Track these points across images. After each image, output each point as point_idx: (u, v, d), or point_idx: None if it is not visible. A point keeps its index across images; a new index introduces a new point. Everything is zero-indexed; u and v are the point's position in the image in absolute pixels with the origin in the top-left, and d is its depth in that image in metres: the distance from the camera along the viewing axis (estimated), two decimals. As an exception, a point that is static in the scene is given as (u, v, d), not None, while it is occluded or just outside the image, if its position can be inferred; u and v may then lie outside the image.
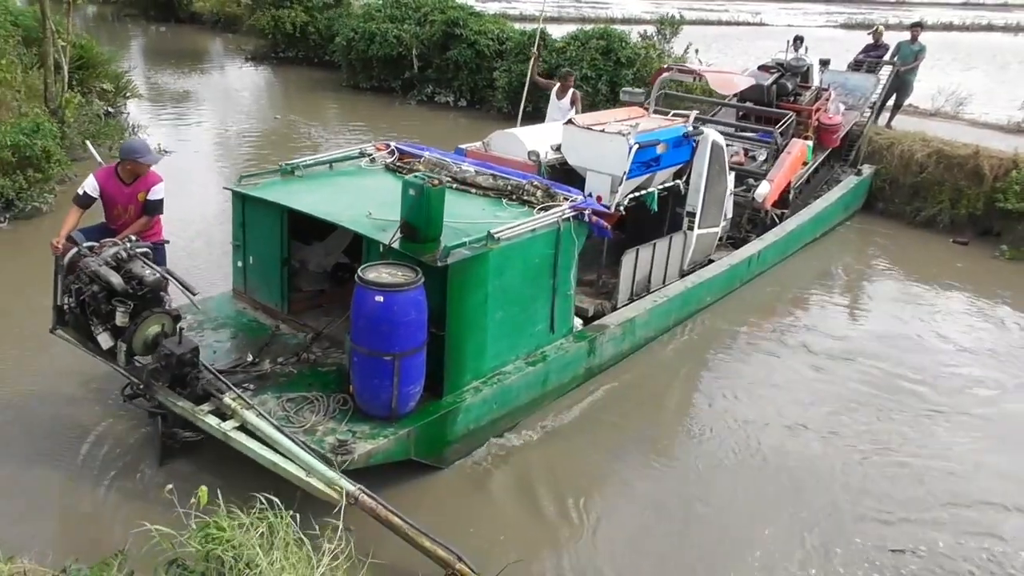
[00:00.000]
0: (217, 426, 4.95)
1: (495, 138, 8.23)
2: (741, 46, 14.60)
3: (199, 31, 25.92)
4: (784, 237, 9.90)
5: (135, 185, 5.58)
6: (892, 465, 6.18)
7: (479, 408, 5.75)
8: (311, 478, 4.70)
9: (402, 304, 5.01)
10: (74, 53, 12.12)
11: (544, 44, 14.88)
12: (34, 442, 5.56)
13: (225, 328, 6.40)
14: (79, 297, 5.12)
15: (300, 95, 17.90)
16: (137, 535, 3.57)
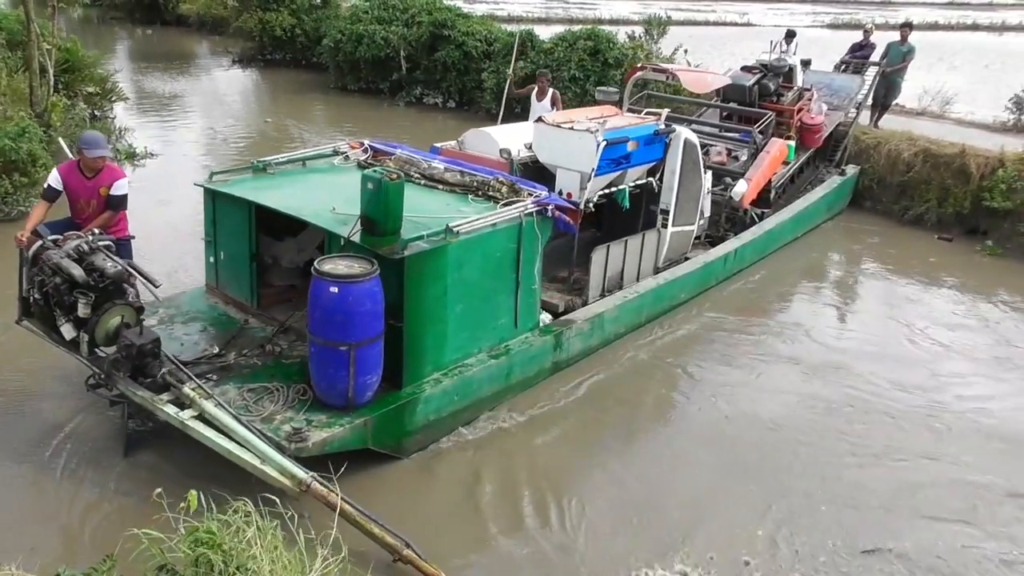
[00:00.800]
0: (175, 415, 5.04)
1: (469, 137, 8.34)
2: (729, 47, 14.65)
3: (185, 33, 25.96)
4: (762, 236, 9.96)
5: (97, 179, 5.69)
6: (870, 463, 6.19)
7: (439, 399, 5.83)
8: (265, 466, 4.78)
9: (357, 295, 5.10)
10: (59, 56, 12.17)
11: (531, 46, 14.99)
12: (12, 444, 5.62)
13: (195, 322, 6.50)
14: (43, 289, 5.23)
15: (288, 97, 17.99)
16: (126, 540, 3.54)
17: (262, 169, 6.98)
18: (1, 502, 5.09)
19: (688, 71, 11.08)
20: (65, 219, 5.84)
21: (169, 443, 5.51)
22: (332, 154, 7.58)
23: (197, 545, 3.32)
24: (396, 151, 7.47)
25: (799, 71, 12.00)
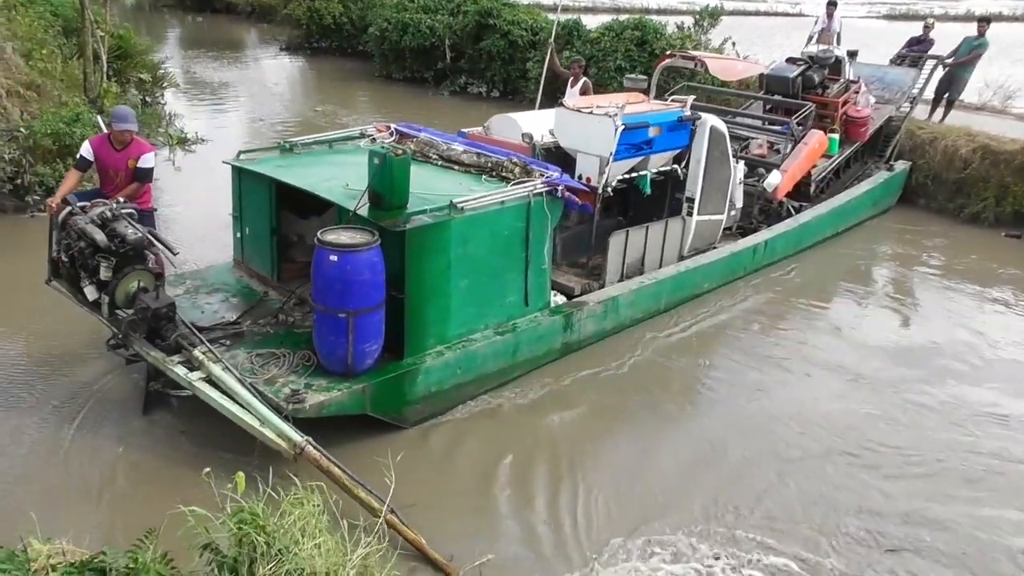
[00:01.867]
0: (184, 375, 5.31)
1: (494, 122, 8.47)
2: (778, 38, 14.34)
3: (234, 21, 26.46)
4: (797, 229, 9.79)
5: (125, 152, 6.02)
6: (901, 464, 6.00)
7: (441, 371, 5.97)
8: (264, 428, 5.00)
9: (356, 264, 5.28)
10: (112, 43, 12.54)
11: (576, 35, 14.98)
12: (40, 401, 5.96)
13: (219, 292, 6.80)
14: (69, 252, 5.57)
15: (333, 85, 18.21)
16: (171, 517, 3.57)
17: (289, 149, 7.25)
18: (23, 459, 5.39)
19: (717, 59, 10.96)
20: (94, 189, 6.20)
21: (188, 405, 5.76)
22: (359, 136, 7.80)
23: (241, 526, 3.35)
24: (420, 134, 7.64)
25: (847, 63, 11.72)
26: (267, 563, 3.27)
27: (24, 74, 10.13)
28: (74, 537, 3.80)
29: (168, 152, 11.95)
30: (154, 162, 6.17)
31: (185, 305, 6.43)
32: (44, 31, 11.91)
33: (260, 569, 3.25)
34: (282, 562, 3.28)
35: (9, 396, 5.99)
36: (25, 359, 6.52)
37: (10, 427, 5.64)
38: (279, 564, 3.27)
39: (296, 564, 3.28)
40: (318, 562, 3.34)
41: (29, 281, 6.35)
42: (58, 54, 11.46)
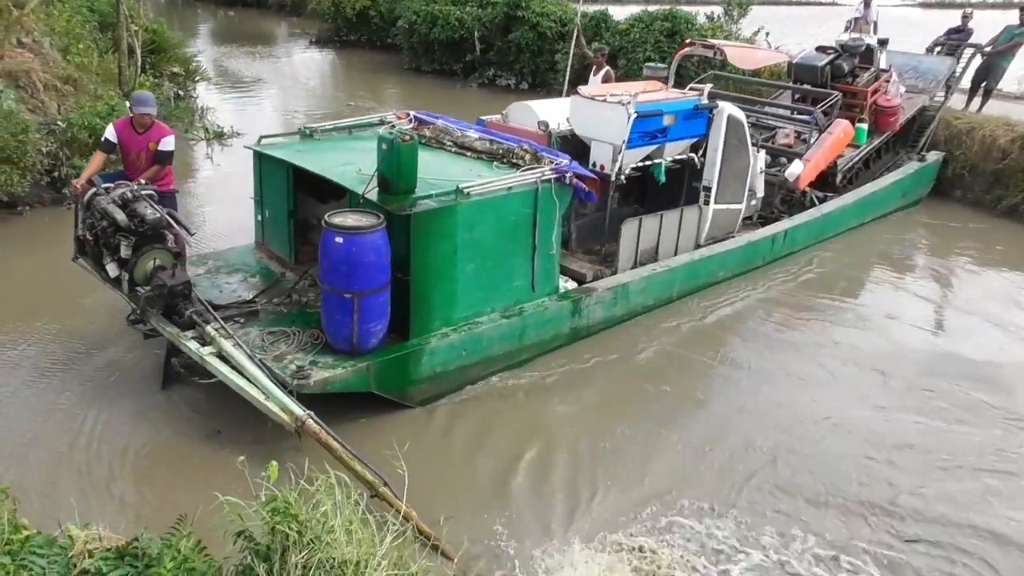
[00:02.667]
0: (196, 350, 5.54)
1: (513, 109, 8.57)
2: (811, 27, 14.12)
3: (265, 15, 26.74)
4: (819, 219, 9.73)
5: (147, 134, 6.27)
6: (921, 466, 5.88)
7: (446, 352, 6.12)
8: (269, 402, 5.19)
9: (361, 246, 5.45)
10: (146, 38, 12.86)
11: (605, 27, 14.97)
12: (62, 372, 6.26)
13: (238, 272, 7.04)
14: (92, 231, 5.84)
15: (363, 78, 18.37)
16: (192, 499, 3.68)
17: (309, 135, 7.45)
18: (50, 435, 5.62)
19: (736, 47, 10.88)
20: (118, 171, 6.46)
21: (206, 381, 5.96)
22: (378, 123, 7.96)
23: (274, 514, 3.39)
24: (437, 121, 7.78)
25: (879, 52, 11.54)
26: (299, 552, 3.32)
27: (62, 68, 10.44)
28: (109, 521, 4.00)
29: (205, 146, 12.20)
30: (174, 145, 6.41)
31: (205, 284, 6.70)
32: (81, 26, 12.24)
33: (292, 557, 3.31)
34: (314, 551, 3.33)
35: (42, 372, 6.31)
36: (58, 338, 6.79)
37: (43, 401, 5.94)
38: (311, 553, 3.33)
39: (328, 553, 3.34)
40: (349, 551, 3.39)
41: (64, 267, 6.61)
42: (94, 49, 11.77)
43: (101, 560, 3.20)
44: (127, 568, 3.19)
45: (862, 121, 10.94)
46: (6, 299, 7.32)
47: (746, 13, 14.74)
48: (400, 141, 5.77)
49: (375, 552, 3.48)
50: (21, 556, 3.14)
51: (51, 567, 3.14)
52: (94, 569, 3.19)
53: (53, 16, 11.53)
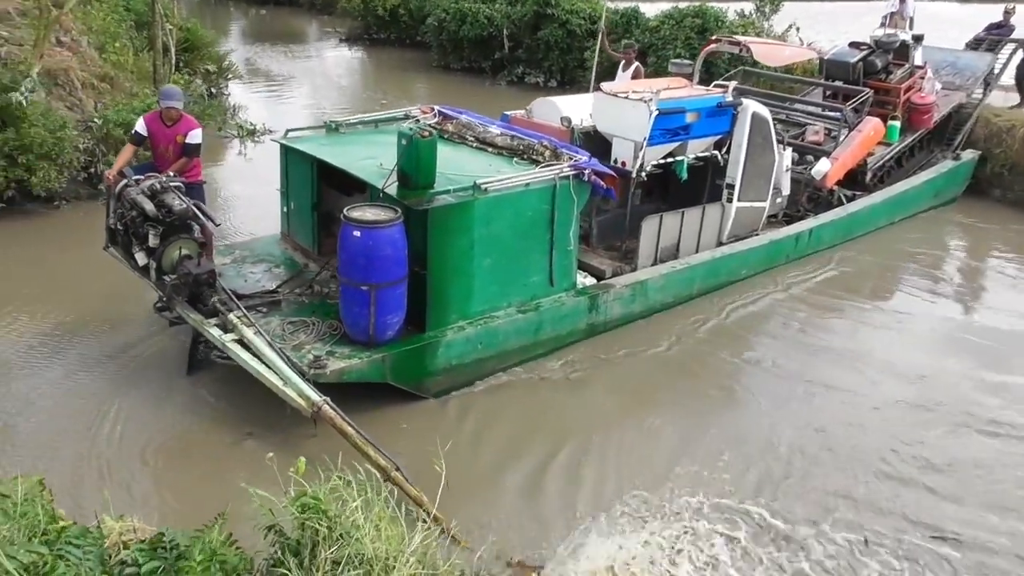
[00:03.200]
0: (218, 336, 5.72)
1: (536, 105, 8.64)
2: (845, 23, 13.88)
3: (296, 13, 26.78)
4: (845, 218, 9.64)
5: (175, 127, 6.46)
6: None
7: (462, 345, 6.22)
8: (286, 387, 5.35)
9: (378, 240, 5.57)
10: (180, 36, 13.04)
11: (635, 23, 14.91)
12: (94, 356, 6.46)
13: (263, 263, 7.21)
14: (122, 221, 6.04)
15: (392, 76, 18.45)
16: (227, 494, 3.73)
17: (335, 129, 7.59)
18: (70, 416, 5.81)
19: (762, 43, 10.77)
20: (148, 163, 6.67)
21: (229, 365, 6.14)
22: (403, 117, 8.07)
23: (303, 510, 3.45)
24: (460, 116, 7.87)
25: (914, 48, 11.36)
26: (329, 547, 3.37)
27: (98, 66, 10.67)
28: (136, 511, 4.03)
29: (238, 143, 12.40)
30: (201, 138, 6.59)
31: (230, 273, 6.88)
32: (117, 25, 12.46)
33: (322, 552, 3.36)
34: (343, 547, 3.38)
35: (75, 360, 6.53)
36: (92, 327, 6.98)
37: (75, 389, 6.15)
38: (340, 548, 3.37)
39: (357, 549, 3.38)
40: (379, 548, 3.44)
41: (98, 260, 6.81)
42: (130, 47, 12.01)
43: (137, 551, 3.27)
44: (161, 560, 3.25)
45: (894, 119, 10.79)
46: (43, 291, 7.56)
47: (778, 9, 14.56)
48: (419, 137, 5.88)
49: (404, 550, 3.53)
50: (58, 546, 3.17)
51: (87, 558, 3.18)
52: (129, 560, 3.25)
53: (91, 15, 11.78)
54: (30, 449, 5.45)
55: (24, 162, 8.82)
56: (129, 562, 3.22)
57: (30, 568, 2.89)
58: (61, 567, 3.00)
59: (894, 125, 10.76)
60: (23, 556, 2.89)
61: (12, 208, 9.06)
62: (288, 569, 3.32)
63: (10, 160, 8.77)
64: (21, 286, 7.64)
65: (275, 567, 3.41)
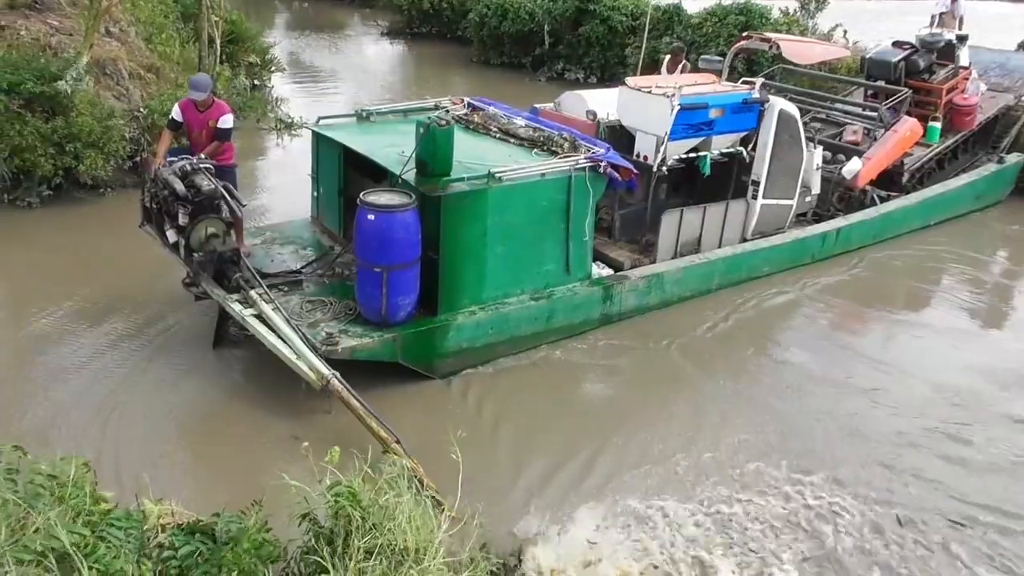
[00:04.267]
0: (239, 312, 6.01)
1: (565, 98, 8.77)
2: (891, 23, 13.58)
3: (338, 6, 26.71)
4: (877, 218, 9.52)
5: (207, 113, 6.76)
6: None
7: (472, 329, 6.41)
8: (299, 361, 5.61)
9: (391, 223, 5.79)
10: (226, 28, 13.12)
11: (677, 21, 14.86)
12: (150, 356, 6.61)
13: (291, 244, 7.50)
14: (155, 200, 6.38)
15: (432, 70, 18.55)
16: (269, 486, 3.74)
17: (365, 117, 7.83)
18: (111, 391, 6.07)
19: (793, 40, 10.65)
20: (184, 147, 6.99)
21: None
22: (433, 108, 8.27)
23: (337, 499, 3.53)
24: (488, 108, 8.04)
25: (959, 48, 11.13)
26: (362, 536, 3.44)
27: (145, 57, 10.98)
28: (164, 492, 4.06)
29: (276, 136, 12.62)
30: (232, 123, 6.87)
31: (260, 254, 7.19)
32: (164, 16, 12.71)
33: (355, 542, 3.43)
34: (376, 536, 3.45)
35: (116, 338, 6.86)
36: (135, 307, 7.29)
37: (116, 366, 6.45)
38: (373, 538, 3.44)
39: (389, 539, 3.45)
40: (409, 538, 3.50)
41: (142, 246, 7.12)
42: (176, 38, 12.23)
43: (173, 535, 3.37)
44: (198, 545, 3.33)
45: (935, 120, 10.60)
46: (90, 274, 7.85)
47: (824, 7, 14.35)
48: (436, 126, 6.06)
49: (433, 540, 3.59)
50: (100, 528, 3.24)
51: (127, 540, 3.25)
52: (167, 544, 3.35)
53: (139, 6, 12.02)
54: (62, 420, 5.74)
55: (72, 150, 9.07)
56: (166, 545, 3.34)
57: (73, 548, 2.97)
58: (102, 548, 3.08)
59: (934, 126, 10.58)
60: (66, 537, 2.97)
61: (60, 195, 9.34)
62: (321, 557, 3.40)
63: (59, 148, 9.03)
64: (65, 269, 7.94)
65: (307, 555, 3.52)
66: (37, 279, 7.74)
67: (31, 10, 10.01)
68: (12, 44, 9.41)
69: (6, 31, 9.47)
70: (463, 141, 7.08)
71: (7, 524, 3.05)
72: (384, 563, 3.39)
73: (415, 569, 3.41)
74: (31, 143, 8.84)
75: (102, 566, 3.00)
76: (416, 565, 3.43)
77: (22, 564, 2.90)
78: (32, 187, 9.14)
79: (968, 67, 11.07)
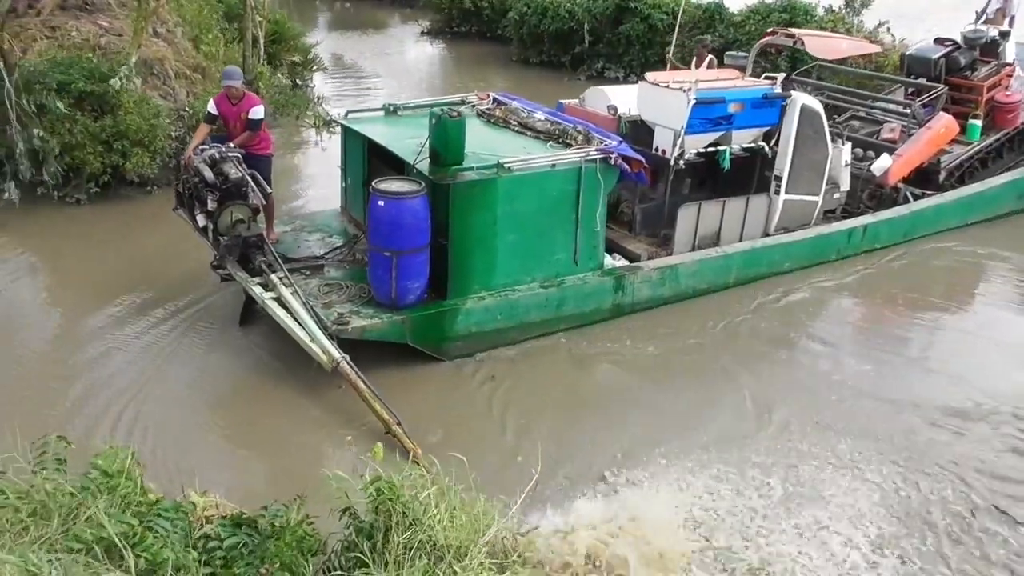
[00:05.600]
0: (259, 294, 6.36)
1: (589, 94, 8.95)
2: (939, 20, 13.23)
3: (378, 6, 26.78)
4: (908, 216, 9.40)
5: (240, 105, 7.14)
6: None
7: (481, 314, 6.63)
8: (312, 343, 5.92)
9: (400, 210, 6.06)
10: (269, 28, 13.21)
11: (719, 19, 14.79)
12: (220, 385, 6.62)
13: (319, 232, 7.84)
14: (187, 186, 6.79)
15: (471, 69, 18.68)
16: (312, 479, 3.84)
17: (393, 111, 8.13)
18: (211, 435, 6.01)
19: (817, 36, 10.54)
20: (220, 137, 7.38)
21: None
22: (460, 102, 8.53)
23: (378, 494, 3.56)
24: (512, 102, 8.25)
25: (1004, 44, 10.87)
26: (402, 532, 3.47)
27: (191, 57, 11.30)
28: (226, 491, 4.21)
29: (316, 133, 12.91)
30: (262, 113, 7.24)
31: (288, 240, 7.56)
32: (209, 17, 12.83)
33: (395, 537, 3.46)
34: (416, 532, 3.49)
35: (152, 320, 7.24)
36: (177, 298, 7.61)
37: (158, 354, 6.75)
38: (413, 534, 3.48)
39: (429, 536, 3.48)
40: (452, 536, 3.53)
41: (186, 240, 7.48)
42: (221, 38, 12.41)
43: (220, 527, 3.47)
44: (243, 536, 3.41)
45: (976, 117, 10.38)
46: (136, 267, 8.13)
47: (868, 4, 14.09)
48: (448, 118, 6.31)
49: (476, 540, 3.60)
50: (148, 518, 3.34)
51: (173, 531, 3.34)
52: (212, 535, 3.44)
53: (185, 7, 12.32)
54: (100, 402, 6.05)
55: (120, 148, 9.32)
56: (212, 536, 3.44)
57: (121, 537, 3.08)
58: (149, 538, 3.18)
59: (975, 124, 10.36)
60: (112, 527, 3.09)
61: (107, 192, 9.62)
62: (361, 551, 3.45)
63: (107, 146, 9.30)
64: (112, 262, 8.21)
65: (348, 550, 3.58)
66: (85, 272, 8.09)
67: (81, 11, 10.46)
68: (63, 44, 9.84)
69: (58, 32, 9.94)
70: (482, 133, 7.35)
71: (59, 514, 3.20)
72: (424, 559, 3.42)
73: (456, 566, 3.44)
74: (81, 141, 9.16)
75: (149, 555, 3.11)
76: (457, 562, 3.46)
77: (72, 553, 3.02)
78: (81, 184, 9.47)
79: (1012, 64, 10.79)
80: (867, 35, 13.24)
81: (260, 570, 3.31)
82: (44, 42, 9.86)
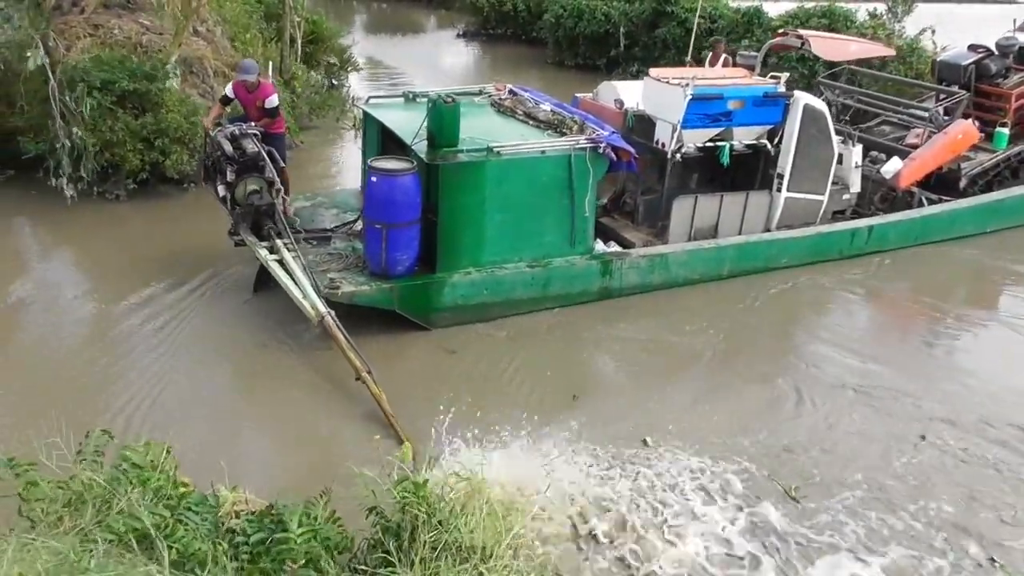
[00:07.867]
0: (264, 256, 6.98)
1: (601, 88, 9.30)
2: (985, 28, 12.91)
3: (415, 7, 27.08)
4: (917, 219, 9.43)
5: (255, 94, 7.81)
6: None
7: (467, 287, 7.10)
8: (304, 300, 6.50)
9: (391, 186, 6.57)
10: (307, 28, 13.46)
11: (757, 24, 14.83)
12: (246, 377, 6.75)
13: (335, 208, 8.43)
14: (210, 159, 7.47)
15: (506, 71, 18.66)
16: (339, 476, 3.87)
17: (412, 99, 8.66)
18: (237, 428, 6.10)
19: (825, 37, 10.55)
20: (241, 116, 8.06)
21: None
22: (478, 92, 9.00)
23: (404, 495, 3.62)
24: (524, 94, 8.68)
25: (1040, 52, 10.72)
26: (428, 532, 3.52)
27: (230, 56, 11.33)
28: (255, 486, 4.17)
29: (353, 132, 13.04)
30: (276, 101, 7.87)
31: (305, 214, 8.16)
32: (248, 16, 12.99)
33: (421, 537, 3.51)
34: (442, 533, 3.54)
35: (186, 311, 7.46)
36: (209, 287, 7.95)
37: (183, 346, 6.92)
38: (439, 535, 3.53)
39: (455, 537, 3.53)
40: (477, 537, 3.57)
41: (221, 235, 7.74)
42: (259, 38, 12.49)
43: (247, 522, 3.54)
44: (269, 532, 3.47)
45: (1003, 125, 10.30)
46: (173, 259, 8.35)
47: (911, 10, 13.91)
48: (443, 103, 6.79)
49: (501, 541, 3.63)
50: (179, 511, 3.43)
51: (203, 523, 3.43)
52: (239, 529, 3.52)
53: (225, 6, 12.53)
54: (131, 389, 6.23)
55: (160, 146, 9.40)
56: (239, 531, 3.52)
57: (153, 528, 3.20)
58: (180, 530, 3.28)
59: (1002, 132, 10.27)
60: (148, 518, 3.20)
61: (145, 189, 9.73)
62: (388, 550, 3.52)
63: (147, 144, 9.37)
64: (149, 256, 8.34)
65: (374, 548, 3.65)
66: (122, 265, 8.18)
67: (124, 9, 10.76)
68: (105, 42, 10.11)
69: (100, 30, 10.22)
70: (489, 120, 7.83)
71: (92, 505, 3.34)
72: (450, 560, 3.48)
73: (482, 567, 3.50)
74: (121, 138, 9.26)
75: (181, 546, 3.23)
76: (483, 564, 3.52)
77: (107, 543, 3.13)
78: (120, 180, 9.61)
79: (1044, 71, 10.64)
80: (905, 42, 13.12)
81: (285, 566, 3.39)
82: (87, 40, 10.02)
